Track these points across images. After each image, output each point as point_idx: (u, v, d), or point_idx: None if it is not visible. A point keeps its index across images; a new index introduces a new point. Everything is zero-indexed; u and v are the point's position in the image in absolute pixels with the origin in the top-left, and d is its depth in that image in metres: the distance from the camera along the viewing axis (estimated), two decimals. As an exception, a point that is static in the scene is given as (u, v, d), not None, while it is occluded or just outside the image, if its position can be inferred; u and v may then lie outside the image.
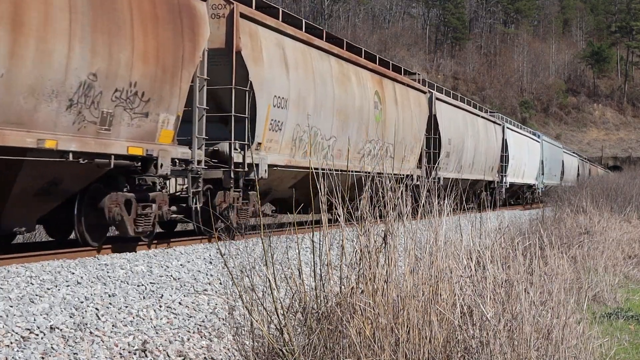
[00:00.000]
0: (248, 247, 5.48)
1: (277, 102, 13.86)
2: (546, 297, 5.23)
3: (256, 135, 13.22)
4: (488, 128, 31.99)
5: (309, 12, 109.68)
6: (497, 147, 33.18)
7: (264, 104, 13.41)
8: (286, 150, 14.42)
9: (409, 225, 5.07)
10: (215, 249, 10.54)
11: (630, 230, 16.53)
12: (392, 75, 20.44)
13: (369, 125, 18.16)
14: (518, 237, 6.37)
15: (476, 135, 29.25)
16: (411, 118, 21.26)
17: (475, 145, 29.01)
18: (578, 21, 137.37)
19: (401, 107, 20.54)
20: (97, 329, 6.16)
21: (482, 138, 30.25)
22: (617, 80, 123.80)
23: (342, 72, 16.92)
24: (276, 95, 13.84)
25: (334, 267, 4.88)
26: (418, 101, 22.37)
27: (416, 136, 21.99)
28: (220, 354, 6.18)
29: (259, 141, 13.35)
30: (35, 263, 8.75)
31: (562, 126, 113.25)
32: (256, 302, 4.78)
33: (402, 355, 4.47)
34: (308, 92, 15.11)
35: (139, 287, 7.86)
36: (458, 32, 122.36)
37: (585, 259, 11.26)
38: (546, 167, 44.94)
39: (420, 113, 22.36)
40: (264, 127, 13.46)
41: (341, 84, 16.76)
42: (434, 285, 4.77)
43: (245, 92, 12.92)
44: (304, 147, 15.06)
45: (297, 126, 14.63)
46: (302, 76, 14.93)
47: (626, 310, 9.09)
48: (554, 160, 48.65)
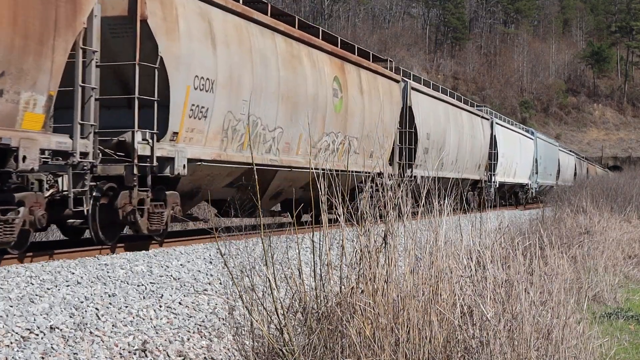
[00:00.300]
0: (248, 247, 5.48)
1: (199, 84, 11.57)
2: (546, 297, 5.23)
3: (171, 123, 10.97)
4: (474, 123, 29.60)
5: (309, 12, 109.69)
6: (484, 143, 30.95)
7: (181, 86, 11.14)
8: (215, 143, 12.15)
9: (409, 225, 5.07)
10: (215, 249, 10.53)
11: (630, 230, 16.53)
12: (356, 60, 18.08)
13: (326, 116, 15.97)
14: (518, 237, 6.37)
15: (460, 130, 26.94)
16: (380, 109, 18.91)
17: (459, 141, 26.74)
18: (578, 21, 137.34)
19: (368, 96, 18.30)
20: (97, 329, 6.16)
21: (467, 133, 27.93)
22: (617, 80, 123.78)
23: (290, 53, 14.58)
24: (198, 75, 11.51)
25: (334, 267, 4.88)
26: (389, 90, 20.04)
27: (387, 129, 19.66)
28: (220, 354, 6.18)
29: (174, 130, 11.09)
30: (35, 263, 8.75)
31: (562, 126, 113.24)
32: (256, 302, 4.78)
33: (402, 355, 4.47)
34: (243, 73, 12.75)
35: (139, 287, 7.86)
36: (458, 32, 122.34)
37: (585, 259, 11.26)
38: (540, 165, 43.07)
39: (391, 104, 20.12)
40: (181, 114, 11.17)
41: (289, 67, 14.38)
42: (434, 285, 4.77)
43: (154, 70, 10.66)
44: (240, 138, 12.82)
45: (229, 114, 12.40)
46: (236, 54, 12.53)
47: (626, 310, 9.09)
48: (549, 159, 46.75)
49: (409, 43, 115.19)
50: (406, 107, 21.34)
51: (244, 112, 12.65)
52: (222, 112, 12.22)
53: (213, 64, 11.92)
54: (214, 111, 12.00)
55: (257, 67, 13.15)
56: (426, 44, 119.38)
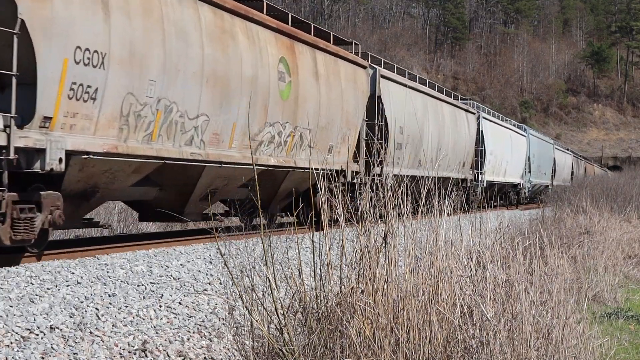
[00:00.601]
0: (248, 247, 5.48)
1: (84, 58, 9.29)
2: (546, 297, 5.23)
3: (40, 105, 8.68)
4: (458, 117, 27.13)
5: (309, 12, 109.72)
6: (470, 139, 28.58)
7: (55, 58, 8.87)
8: (110, 131, 9.86)
9: (409, 225, 5.07)
10: (215, 249, 10.53)
11: (630, 230, 16.54)
12: (311, 40, 15.48)
13: (269, 103, 13.47)
14: (518, 237, 6.38)
15: (441, 125, 24.59)
16: (341, 97, 16.52)
17: (440, 137, 24.34)
18: (578, 21, 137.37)
19: (325, 82, 15.84)
20: (97, 329, 6.16)
21: (449, 128, 25.51)
22: (617, 80, 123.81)
23: (221, 27, 12.11)
24: (81, 46, 9.22)
25: (334, 267, 4.88)
26: (353, 77, 17.54)
27: (349, 121, 17.09)
28: (220, 354, 6.18)
29: (46, 114, 8.79)
30: (35, 263, 8.75)
31: (562, 126, 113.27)
32: (256, 302, 4.78)
33: (402, 355, 4.47)
34: (150, 47, 10.38)
35: (139, 287, 7.86)
36: (458, 32, 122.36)
37: (585, 259, 11.26)
38: (534, 164, 40.85)
39: (356, 92, 17.57)
40: (56, 94, 8.93)
41: (218, 43, 11.91)
42: (434, 285, 4.77)
43: (12, 36, 8.35)
44: (147, 127, 10.45)
45: (130, 96, 10.08)
46: (139, 25, 10.24)
47: (626, 310, 9.09)
48: (544, 158, 44.38)
49: (409, 43, 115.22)
50: (375, 96, 18.91)
51: (152, 95, 10.36)
52: (120, 94, 9.92)
53: (105, 33, 9.66)
54: (107, 92, 9.71)
55: (170, 41, 10.72)
56: (426, 44, 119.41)
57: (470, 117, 29.10)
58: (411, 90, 22.02)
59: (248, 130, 12.84)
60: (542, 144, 44.56)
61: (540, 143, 43.95)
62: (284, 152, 14.26)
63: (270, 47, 13.66)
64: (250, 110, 12.78)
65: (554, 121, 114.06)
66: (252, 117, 13.03)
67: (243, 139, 12.76)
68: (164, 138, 10.84)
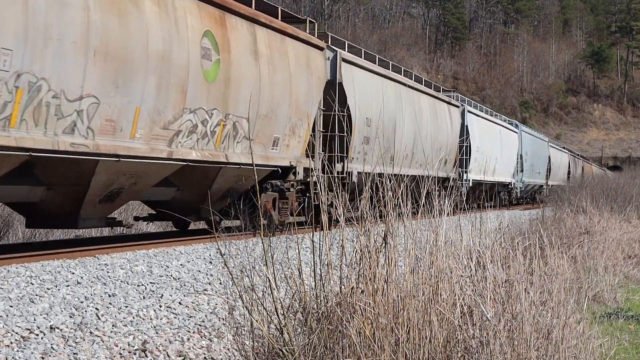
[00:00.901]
0: (248, 247, 5.48)
1: None
2: (546, 297, 5.23)
3: None
4: (438, 109, 24.82)
5: (309, 12, 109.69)
6: (453, 134, 26.35)
7: None
8: None
9: (409, 225, 5.07)
10: (215, 249, 10.53)
11: (630, 230, 16.54)
12: (249, 13, 13.16)
13: (188, 84, 11.14)
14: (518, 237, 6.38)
15: (418, 118, 22.17)
16: (289, 82, 14.27)
17: (416, 131, 21.86)
18: (578, 21, 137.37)
19: (268, 63, 13.47)
20: (97, 329, 6.16)
21: (427, 121, 23.26)
22: (617, 80, 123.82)
23: None
24: None
25: (334, 267, 4.88)
26: (306, 59, 15.16)
27: (301, 110, 14.78)
28: (220, 354, 6.18)
29: None
30: (35, 263, 8.75)
31: (562, 126, 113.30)
32: (256, 302, 4.78)
33: (402, 355, 4.47)
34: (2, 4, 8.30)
35: (139, 287, 7.86)
36: (458, 32, 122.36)
37: (585, 259, 11.26)
38: (526, 162, 38.60)
39: (309, 77, 15.18)
40: None
41: (112, 9, 9.80)
42: (434, 285, 4.77)
43: None
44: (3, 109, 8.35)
45: None
46: None
47: (626, 310, 9.09)
48: (538, 156, 42.10)
49: (409, 43, 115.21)
50: (336, 83, 16.53)
51: (6, 68, 8.29)
52: None
53: None
54: None
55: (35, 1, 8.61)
56: (426, 44, 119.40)
57: (453, 111, 26.92)
58: (382, 77, 19.62)
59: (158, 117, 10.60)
60: (535, 142, 42.48)
61: (533, 140, 41.90)
62: (212, 145, 12.02)
63: (191, 17, 11.39)
64: (162, 93, 10.59)
65: (554, 121, 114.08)
66: (164, 101, 10.71)
67: (152, 128, 10.49)
68: (30, 124, 8.68)
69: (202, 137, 11.76)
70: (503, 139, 34.03)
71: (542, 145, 44.35)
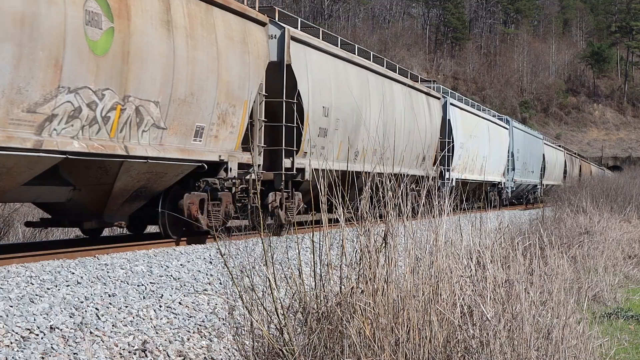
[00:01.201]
0: (248, 247, 5.48)
1: None
2: (546, 297, 5.24)
3: None
4: (415, 100, 22.20)
5: (309, 12, 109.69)
6: (433, 128, 23.81)
7: None
8: None
9: (409, 225, 5.07)
10: (215, 249, 10.53)
11: (630, 230, 16.54)
12: None
13: (64, 57, 8.80)
14: (518, 237, 6.38)
15: (389, 108, 19.62)
16: (217, 60, 11.92)
17: (387, 123, 19.24)
18: (578, 21, 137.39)
19: (186, 36, 11.13)
20: (97, 329, 6.17)
21: (401, 113, 20.55)
22: (617, 80, 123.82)
23: None
24: None
25: (334, 267, 4.88)
26: (242, 35, 12.78)
27: (233, 95, 12.48)
28: (220, 354, 6.18)
29: None
30: (35, 263, 8.76)
31: (562, 126, 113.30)
32: (256, 302, 4.78)
33: (402, 355, 4.47)
34: None
35: (139, 287, 7.87)
36: (458, 32, 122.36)
37: (585, 259, 11.27)
38: (518, 160, 36.16)
39: (245, 56, 12.82)
40: None
41: None
42: (434, 285, 4.77)
43: None
44: None
45: None
46: None
47: (626, 310, 9.09)
48: (531, 154, 39.68)
49: (409, 43, 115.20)
50: (283, 65, 14.28)
51: None
52: None
53: None
54: None
55: None
56: (426, 44, 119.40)
57: (433, 102, 24.18)
58: (343, 61, 17.09)
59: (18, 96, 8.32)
60: (528, 138, 39.71)
61: (526, 137, 39.17)
62: (105, 134, 9.76)
63: None
64: (23, 66, 8.34)
65: (554, 121, 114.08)
66: (27, 77, 8.41)
67: (10, 110, 8.25)
68: None
69: (88, 123, 9.42)
70: (492, 134, 31.64)
71: (535, 142, 41.84)
